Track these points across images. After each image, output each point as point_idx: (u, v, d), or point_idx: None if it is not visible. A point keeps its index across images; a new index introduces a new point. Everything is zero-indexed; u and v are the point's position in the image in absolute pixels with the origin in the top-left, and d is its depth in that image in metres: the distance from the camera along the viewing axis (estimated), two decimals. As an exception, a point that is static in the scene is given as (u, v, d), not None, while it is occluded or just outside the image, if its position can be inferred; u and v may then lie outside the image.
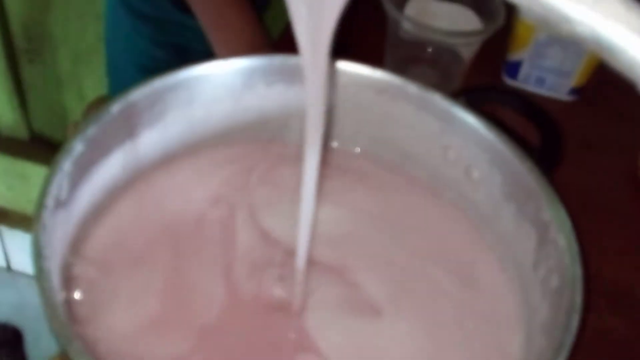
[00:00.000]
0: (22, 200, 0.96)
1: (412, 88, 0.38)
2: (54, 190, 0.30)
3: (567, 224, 0.32)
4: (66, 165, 0.31)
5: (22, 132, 0.94)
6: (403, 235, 0.38)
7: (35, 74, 0.89)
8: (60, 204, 0.30)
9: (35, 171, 0.92)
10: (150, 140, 0.36)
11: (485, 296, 0.36)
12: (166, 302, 0.32)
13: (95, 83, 0.88)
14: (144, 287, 0.33)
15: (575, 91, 0.53)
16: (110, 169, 0.35)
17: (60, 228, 0.31)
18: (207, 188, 0.38)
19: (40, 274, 0.27)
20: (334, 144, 0.41)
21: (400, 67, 0.52)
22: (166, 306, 0.32)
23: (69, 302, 0.31)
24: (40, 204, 0.29)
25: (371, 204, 0.39)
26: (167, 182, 0.38)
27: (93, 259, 0.34)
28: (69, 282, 0.32)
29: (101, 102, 0.70)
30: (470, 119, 0.37)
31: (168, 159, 0.38)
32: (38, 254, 0.27)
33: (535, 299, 0.33)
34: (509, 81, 0.54)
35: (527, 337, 0.33)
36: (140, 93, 0.35)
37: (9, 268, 1.02)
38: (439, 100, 0.37)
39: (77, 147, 0.32)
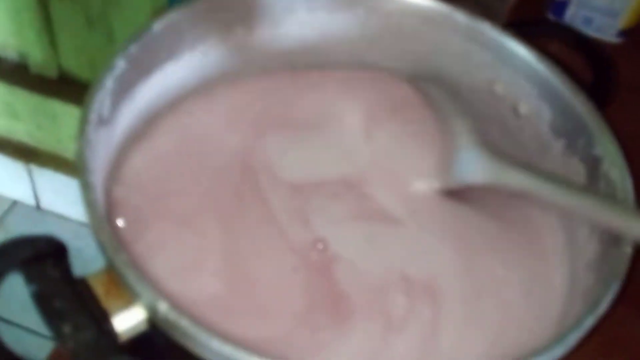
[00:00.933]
0: (51, 140, 0.97)
1: (460, 16, 0.37)
2: (96, 106, 0.29)
3: (620, 159, 0.31)
4: (108, 82, 0.30)
5: (51, 71, 0.94)
6: None
7: (65, 12, 0.88)
8: (103, 121, 0.30)
9: (64, 110, 0.92)
10: (191, 63, 0.36)
11: (524, 230, 0.35)
12: (211, 234, 0.32)
13: (124, 24, 0.87)
14: (186, 220, 0.32)
15: (623, 33, 0.51)
16: (151, 90, 0.34)
17: (102, 146, 0.30)
18: (244, 120, 0.37)
19: (86, 187, 0.26)
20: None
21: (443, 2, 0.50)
22: (210, 238, 0.32)
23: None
24: (84, 119, 0.28)
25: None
26: (206, 114, 0.37)
27: (134, 185, 0.33)
28: (110, 206, 0.31)
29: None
30: (521, 51, 0.35)
31: (207, 86, 0.37)
32: (83, 167, 0.27)
33: (582, 235, 0.32)
34: (555, 20, 0.52)
35: (571, 272, 0.32)
36: (183, 12, 0.34)
37: (38, 207, 1.03)
38: (488, 30, 0.36)
39: (119, 64, 0.31)
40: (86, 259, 0.29)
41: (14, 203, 1.04)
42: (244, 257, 0.31)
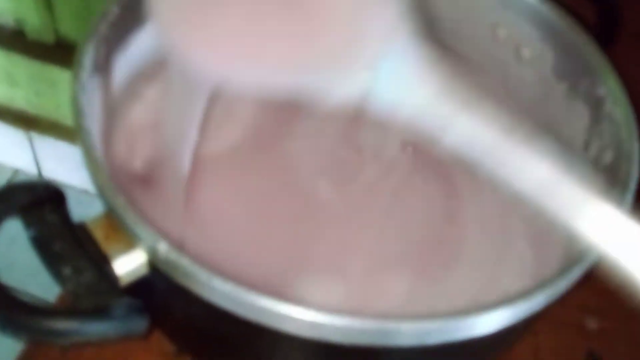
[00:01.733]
0: (50, 106, 0.96)
1: (462, -41, 0.36)
2: (90, 52, 0.29)
3: (623, 97, 0.31)
4: (101, 28, 0.30)
5: (48, 36, 0.93)
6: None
7: (59, -24, 0.87)
8: (98, 68, 0.30)
9: (62, 76, 0.91)
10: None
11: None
12: None
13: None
14: None
15: (628, -20, 0.50)
16: (147, 37, 0.33)
17: (98, 93, 0.30)
18: None
19: (81, 131, 0.26)
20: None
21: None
22: None
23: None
24: (78, 64, 0.28)
25: None
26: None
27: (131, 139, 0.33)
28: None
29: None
30: (523, -8, 0.35)
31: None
32: (78, 112, 0.27)
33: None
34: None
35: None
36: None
37: (40, 175, 1.03)
38: (490, -28, 0.35)
39: (113, 9, 0.30)
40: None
41: (16, 172, 1.04)
42: None
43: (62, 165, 1.00)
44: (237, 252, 0.30)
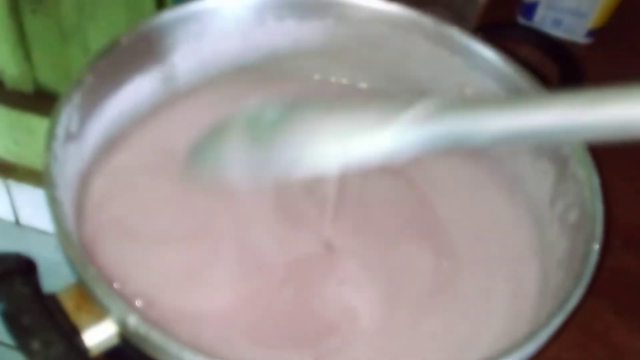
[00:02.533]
0: (29, 155, 0.96)
1: (428, 22, 0.37)
2: (64, 121, 0.29)
3: (586, 157, 0.32)
4: (75, 97, 0.30)
5: (26, 86, 0.93)
6: (421, 186, 0.37)
7: (38, 26, 0.88)
8: (71, 137, 0.30)
9: (41, 125, 0.91)
10: (160, 77, 0.36)
11: (495, 232, 0.35)
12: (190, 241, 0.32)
13: (100, 37, 0.87)
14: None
15: (592, 33, 0.52)
16: (120, 103, 0.34)
17: (71, 161, 0.30)
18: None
19: (53, 202, 0.26)
20: (343, 81, 0.40)
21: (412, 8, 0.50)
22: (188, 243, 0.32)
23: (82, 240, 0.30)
24: (51, 134, 0.28)
25: None
26: (175, 122, 0.37)
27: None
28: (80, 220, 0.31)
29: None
30: (489, 54, 0.36)
31: (175, 96, 0.37)
32: (50, 183, 0.27)
33: (552, 235, 0.33)
34: (525, 22, 0.53)
35: (542, 272, 0.33)
36: (150, 25, 0.34)
37: (17, 222, 1.02)
38: (456, 35, 0.36)
39: (87, 79, 0.31)
40: (66, 275, 0.29)
41: (-7, 219, 1.03)
42: None
43: (40, 212, 0.99)
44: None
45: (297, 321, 0.30)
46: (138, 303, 0.29)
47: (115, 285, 0.29)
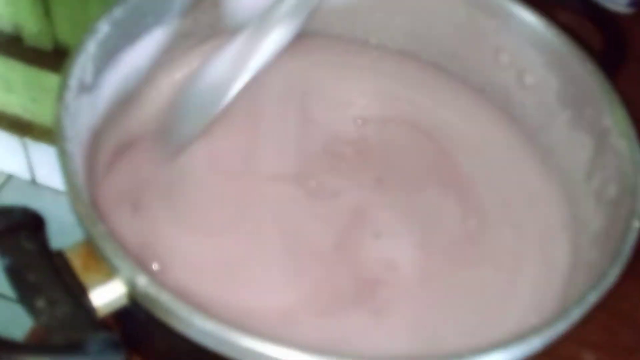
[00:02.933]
0: (46, 113, 0.95)
1: (464, -18, 0.35)
2: (77, 72, 0.28)
3: (630, 129, 0.30)
4: (90, 46, 0.29)
5: (45, 43, 0.92)
6: (442, 140, 0.36)
7: (59, -19, 0.86)
8: (85, 88, 0.28)
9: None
10: (180, 30, 0.34)
11: (523, 200, 0.34)
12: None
13: (120, -6, 0.85)
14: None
15: (634, 3, 0.49)
16: (137, 57, 0.32)
17: (85, 114, 0.29)
18: None
19: (63, 156, 0.25)
20: (372, 40, 0.38)
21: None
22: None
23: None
24: (63, 84, 0.27)
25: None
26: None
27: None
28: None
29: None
30: (528, 17, 0.34)
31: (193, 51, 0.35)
32: (61, 135, 0.25)
33: (586, 210, 0.31)
34: (562, -10, 0.50)
35: (574, 247, 0.31)
36: (170, -25, 0.32)
37: (33, 181, 1.02)
38: (493, -5, 0.34)
39: (103, 28, 0.29)
40: (79, 236, 0.28)
41: (9, 177, 1.03)
42: None
43: (56, 171, 0.98)
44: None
45: (347, 284, 0.30)
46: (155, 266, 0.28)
47: (155, 267, 0.28)
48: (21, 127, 0.97)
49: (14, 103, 0.96)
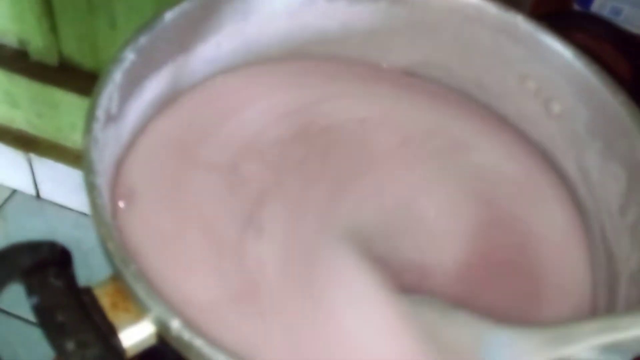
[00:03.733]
0: (51, 128, 0.94)
1: (491, 8, 0.34)
2: (104, 102, 0.27)
3: (666, 163, 0.29)
4: (117, 75, 0.28)
5: (51, 58, 0.91)
6: (460, 166, 0.35)
7: (65, -3, 0.86)
8: (111, 118, 0.28)
9: (64, 99, 0.90)
10: (203, 56, 0.33)
11: (544, 241, 0.32)
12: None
13: (127, 10, 0.85)
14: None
15: (654, 26, 0.49)
16: (161, 83, 0.32)
17: (110, 145, 0.28)
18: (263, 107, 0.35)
19: (92, 191, 0.24)
20: (394, 66, 0.38)
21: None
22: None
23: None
24: (91, 116, 0.26)
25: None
26: (212, 104, 0.34)
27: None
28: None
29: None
30: (556, 45, 0.33)
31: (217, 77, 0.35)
32: (90, 170, 0.25)
33: (621, 246, 0.30)
34: (582, 12, 0.50)
35: (609, 289, 0.30)
36: (195, 1, 0.31)
37: (38, 196, 1.01)
38: (521, 23, 0.34)
39: (128, 56, 0.29)
40: (85, 250, 0.27)
41: (14, 192, 1.02)
42: None
43: (61, 187, 0.98)
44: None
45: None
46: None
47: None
48: (26, 143, 0.96)
49: (19, 118, 0.96)
